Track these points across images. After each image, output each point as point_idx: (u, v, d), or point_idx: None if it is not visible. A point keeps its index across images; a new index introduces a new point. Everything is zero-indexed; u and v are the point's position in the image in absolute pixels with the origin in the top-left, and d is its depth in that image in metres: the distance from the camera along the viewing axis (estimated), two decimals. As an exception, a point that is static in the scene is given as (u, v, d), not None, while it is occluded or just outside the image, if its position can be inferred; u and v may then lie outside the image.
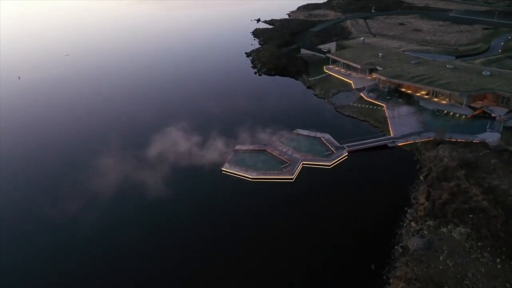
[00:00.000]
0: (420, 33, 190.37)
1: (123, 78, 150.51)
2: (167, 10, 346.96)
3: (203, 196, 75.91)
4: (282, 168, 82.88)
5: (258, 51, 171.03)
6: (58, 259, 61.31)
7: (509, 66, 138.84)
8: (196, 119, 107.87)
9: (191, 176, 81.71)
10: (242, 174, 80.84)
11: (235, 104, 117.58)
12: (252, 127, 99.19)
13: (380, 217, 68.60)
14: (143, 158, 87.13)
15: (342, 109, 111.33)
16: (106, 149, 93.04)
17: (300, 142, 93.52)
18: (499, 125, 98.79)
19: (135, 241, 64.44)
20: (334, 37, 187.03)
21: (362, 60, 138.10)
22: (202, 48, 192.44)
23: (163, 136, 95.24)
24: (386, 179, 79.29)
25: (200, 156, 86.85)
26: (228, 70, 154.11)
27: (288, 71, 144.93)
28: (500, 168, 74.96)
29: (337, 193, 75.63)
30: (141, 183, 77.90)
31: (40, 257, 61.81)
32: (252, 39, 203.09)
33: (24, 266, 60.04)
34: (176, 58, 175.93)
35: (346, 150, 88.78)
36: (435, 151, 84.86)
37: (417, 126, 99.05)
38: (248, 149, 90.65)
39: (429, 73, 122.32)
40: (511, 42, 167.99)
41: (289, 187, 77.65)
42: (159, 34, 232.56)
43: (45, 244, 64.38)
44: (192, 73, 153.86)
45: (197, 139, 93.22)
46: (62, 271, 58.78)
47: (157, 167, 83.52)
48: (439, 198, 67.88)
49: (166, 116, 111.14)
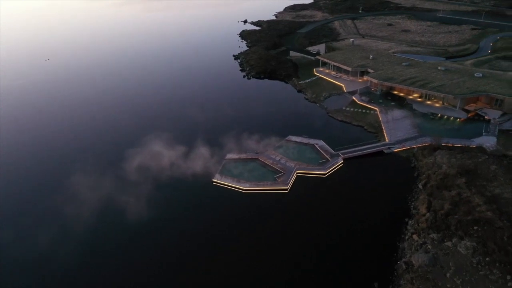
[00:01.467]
0: (409, 34, 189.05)
1: (106, 84, 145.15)
2: (150, 12, 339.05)
3: (194, 210, 72.13)
4: (275, 178, 79.46)
5: (246, 53, 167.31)
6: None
7: (499, 67, 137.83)
8: (184, 127, 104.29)
9: (180, 188, 77.76)
10: (234, 186, 77.14)
11: (225, 109, 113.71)
12: (243, 134, 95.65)
13: (380, 229, 65.72)
14: (127, 170, 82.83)
15: (335, 114, 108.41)
16: (88, 159, 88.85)
17: (293, 149, 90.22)
18: (495, 128, 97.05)
19: (118, 261, 60.50)
20: (323, 38, 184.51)
21: (353, 62, 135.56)
22: (188, 51, 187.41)
23: (148, 145, 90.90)
24: (384, 188, 76.42)
25: (189, 166, 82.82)
26: (216, 74, 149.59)
27: (277, 74, 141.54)
28: (500, 175, 72.71)
29: (334, 204, 72.48)
30: (126, 197, 73.72)
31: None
32: (240, 41, 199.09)
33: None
34: (161, 62, 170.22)
35: (341, 157, 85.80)
36: (432, 158, 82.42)
37: (412, 131, 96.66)
38: (239, 158, 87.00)
39: (421, 75, 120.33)
40: (499, 43, 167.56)
41: (284, 198, 74.28)
42: (143, 37, 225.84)
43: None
44: (179, 77, 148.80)
45: (185, 148, 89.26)
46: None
47: (143, 180, 79.34)
48: (441, 209, 65.21)
49: (151, 124, 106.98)
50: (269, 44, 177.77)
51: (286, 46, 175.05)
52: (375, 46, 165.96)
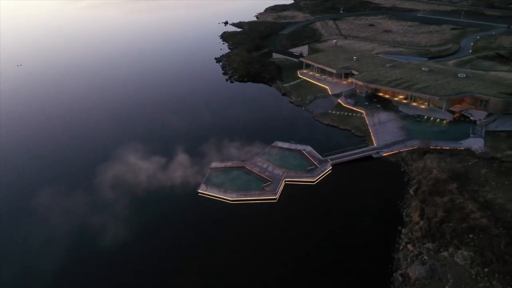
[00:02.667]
0: (391, 34, 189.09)
1: (81, 91, 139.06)
2: (126, 15, 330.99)
3: (179, 223, 68.76)
4: (263, 187, 76.67)
5: (228, 56, 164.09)
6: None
7: (481, 67, 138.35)
8: (165, 134, 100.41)
9: (163, 201, 74.05)
10: (221, 196, 73.99)
11: (208, 115, 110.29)
12: (228, 140, 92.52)
13: (373, 239, 63.64)
14: (104, 182, 78.25)
15: (321, 118, 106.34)
16: (60, 172, 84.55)
17: (280, 156, 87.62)
18: (481, 129, 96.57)
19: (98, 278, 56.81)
20: (305, 39, 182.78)
21: (337, 64, 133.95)
22: (168, 54, 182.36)
23: (126, 155, 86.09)
24: (374, 194, 74.49)
25: (172, 177, 79.03)
26: (197, 78, 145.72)
27: (261, 77, 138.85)
28: (492, 179, 71.65)
29: (325, 213, 70.04)
30: (105, 211, 69.75)
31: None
32: (221, 43, 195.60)
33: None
34: (140, 67, 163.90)
35: (330, 163, 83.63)
36: (422, 162, 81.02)
37: (399, 134, 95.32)
38: (225, 166, 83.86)
39: (406, 77, 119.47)
40: (479, 42, 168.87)
41: (273, 208, 71.55)
42: (119, 42, 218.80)
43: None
44: (159, 82, 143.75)
45: (167, 157, 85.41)
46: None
47: (121, 193, 74.99)
48: (434, 216, 63.56)
49: (130, 132, 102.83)
50: (251, 46, 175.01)
51: (268, 48, 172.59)
52: (358, 47, 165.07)
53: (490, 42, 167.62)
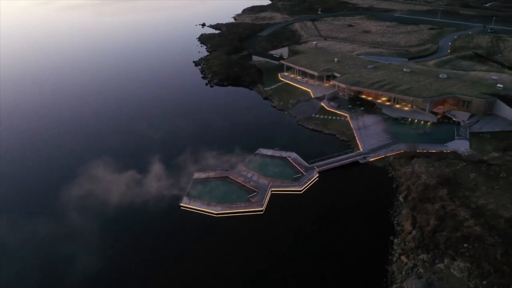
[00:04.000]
0: (370, 35, 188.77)
1: (55, 95, 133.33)
2: (100, 17, 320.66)
3: (160, 241, 64.62)
4: (249, 198, 73.44)
5: (207, 59, 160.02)
6: None
7: (461, 67, 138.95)
8: (143, 144, 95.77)
9: (143, 216, 69.82)
10: (205, 210, 70.38)
11: (188, 122, 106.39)
12: (210, 149, 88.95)
13: (365, 250, 61.29)
14: (73, 201, 73.14)
15: (305, 122, 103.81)
16: (36, 182, 79.43)
17: (265, 164, 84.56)
18: (466, 131, 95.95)
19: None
20: (285, 41, 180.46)
21: (318, 66, 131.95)
22: (143, 59, 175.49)
23: (97, 170, 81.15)
24: (364, 203, 72.24)
25: (152, 190, 74.88)
26: (176, 83, 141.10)
27: (241, 80, 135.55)
28: (481, 183, 70.41)
29: (313, 224, 67.42)
30: (74, 235, 65.11)
31: None
32: (199, 45, 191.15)
33: None
34: (114, 73, 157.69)
35: (316, 170, 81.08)
36: (410, 167, 79.34)
37: (385, 138, 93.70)
38: (208, 176, 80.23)
39: (388, 78, 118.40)
40: (457, 42, 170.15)
41: (260, 221, 68.41)
42: (93, 45, 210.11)
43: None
44: (135, 88, 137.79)
45: (145, 169, 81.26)
46: None
47: (94, 212, 70.32)
48: (427, 225, 61.64)
49: (102, 143, 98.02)
50: (230, 48, 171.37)
51: (248, 50, 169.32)
52: (338, 48, 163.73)
53: (468, 42, 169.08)
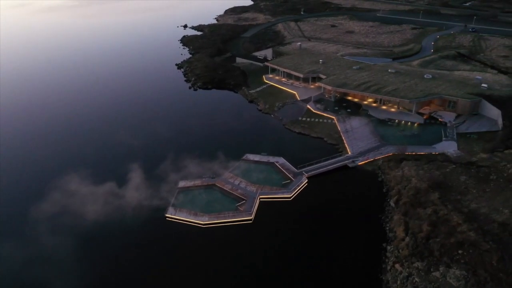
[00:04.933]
0: (353, 35, 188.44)
1: (29, 101, 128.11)
2: (79, 19, 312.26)
3: (145, 255, 61.58)
4: (237, 206, 71.14)
5: (190, 62, 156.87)
6: None
7: (445, 67, 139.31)
8: (124, 151, 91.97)
9: (127, 229, 66.81)
10: (191, 220, 67.81)
11: (171, 127, 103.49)
12: (195, 155, 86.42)
13: (358, 259, 59.75)
14: (52, 211, 69.95)
15: (292, 126, 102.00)
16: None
17: (252, 170, 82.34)
18: (453, 132, 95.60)
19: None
20: (269, 42, 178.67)
21: (303, 68, 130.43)
22: (124, 62, 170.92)
23: (75, 180, 77.70)
24: (354, 208, 70.79)
25: (136, 201, 71.97)
26: (158, 86, 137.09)
27: (226, 83, 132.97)
28: (472, 186, 69.70)
29: (304, 232, 65.53)
30: (59, 242, 62.09)
31: None
32: (181, 48, 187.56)
33: None
34: (93, 76, 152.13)
35: (305, 176, 79.29)
36: (399, 170, 78.25)
37: (373, 140, 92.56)
38: (194, 184, 77.60)
39: (373, 79, 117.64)
40: (440, 42, 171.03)
41: (249, 231, 66.22)
42: (72, 48, 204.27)
43: None
44: (115, 93, 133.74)
45: (127, 177, 78.17)
46: None
47: (74, 224, 66.98)
48: (420, 231, 60.45)
49: (82, 151, 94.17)
50: (213, 50, 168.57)
51: (231, 52, 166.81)
52: (322, 49, 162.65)
53: (450, 41, 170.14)
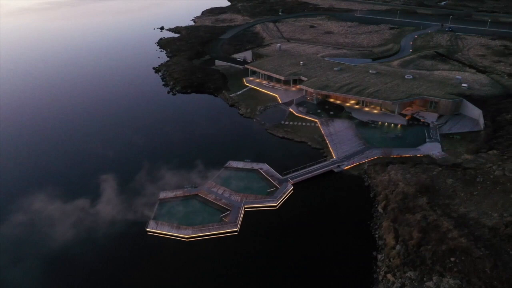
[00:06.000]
0: (332, 36, 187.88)
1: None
2: (50, 22, 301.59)
3: (125, 274, 57.93)
4: (222, 217, 68.35)
5: (167, 65, 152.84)
6: None
7: (424, 67, 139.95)
8: (99, 161, 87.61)
9: (104, 246, 62.99)
10: (174, 234, 64.55)
11: (149, 134, 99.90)
12: (175, 163, 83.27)
13: (348, 269, 58.02)
14: (17, 233, 65.37)
15: (274, 130, 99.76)
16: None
17: (236, 178, 79.67)
18: (436, 133, 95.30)
19: None
20: (248, 44, 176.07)
21: (284, 70, 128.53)
22: (99, 66, 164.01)
23: (45, 194, 73.15)
24: (342, 215, 69.12)
25: (113, 215, 68.11)
26: (135, 91, 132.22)
27: (205, 87, 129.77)
28: (459, 189, 68.89)
29: (291, 242, 63.28)
30: (29, 262, 57.94)
31: None
32: (159, 50, 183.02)
33: None
34: (66, 81, 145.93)
35: (291, 182, 77.14)
36: (386, 174, 76.94)
37: (357, 143, 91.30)
38: (175, 195, 74.32)
39: (355, 81, 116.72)
40: (418, 41, 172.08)
41: (235, 242, 63.48)
42: (44, 52, 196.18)
43: None
44: (89, 99, 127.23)
45: (104, 189, 74.23)
46: None
47: (44, 246, 62.54)
48: (410, 238, 59.00)
49: (51, 160, 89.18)
50: (191, 53, 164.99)
51: (210, 55, 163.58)
52: (302, 50, 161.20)
53: (428, 41, 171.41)
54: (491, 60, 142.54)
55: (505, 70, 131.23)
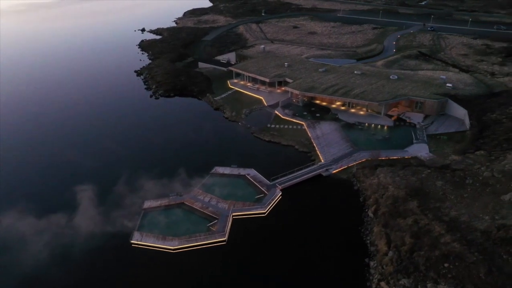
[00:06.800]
0: (316, 36, 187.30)
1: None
2: (27, 24, 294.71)
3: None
4: (209, 227, 66.18)
5: (150, 68, 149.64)
6: None
7: (408, 67, 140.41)
8: (79, 168, 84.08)
9: (86, 261, 60.07)
10: (160, 246, 62.10)
11: (132, 140, 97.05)
12: (159, 170, 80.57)
13: (340, 276, 56.59)
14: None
15: (261, 134, 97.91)
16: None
17: (223, 184, 77.50)
18: (423, 134, 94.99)
19: None
20: (231, 45, 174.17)
21: (269, 72, 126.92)
22: (79, 70, 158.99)
23: (19, 208, 69.24)
24: (332, 221, 67.64)
25: (95, 227, 65.07)
26: (116, 96, 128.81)
27: (189, 90, 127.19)
28: (449, 192, 68.20)
29: (281, 251, 61.49)
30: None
31: None
32: (140, 53, 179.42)
33: None
34: (44, 85, 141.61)
35: (279, 188, 75.43)
36: (375, 178, 75.90)
37: (345, 146, 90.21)
38: (160, 204, 71.76)
39: (341, 82, 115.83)
40: (401, 41, 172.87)
41: (223, 252, 61.39)
42: (19, 55, 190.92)
43: None
44: (68, 105, 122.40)
45: (83, 200, 70.87)
46: None
47: (20, 265, 58.98)
48: (403, 244, 57.89)
49: (25, 170, 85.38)
50: (174, 55, 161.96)
51: (193, 57, 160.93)
52: (286, 51, 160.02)
53: (411, 41, 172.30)
54: (473, 59, 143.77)
55: (487, 69, 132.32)
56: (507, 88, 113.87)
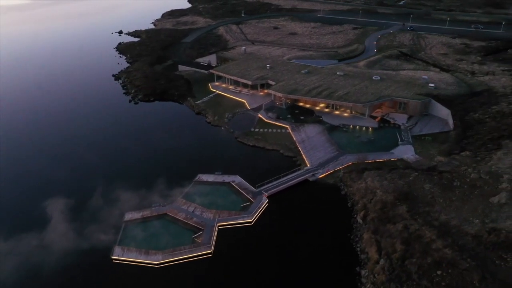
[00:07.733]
0: (297, 37, 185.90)
1: None
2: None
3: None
4: (194, 238, 63.62)
5: (128, 71, 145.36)
6: None
7: (390, 67, 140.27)
8: (54, 178, 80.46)
9: (64, 281, 56.78)
10: (143, 261, 59.26)
11: (110, 148, 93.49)
12: (140, 180, 77.58)
13: (330, 286, 54.86)
14: None
15: (245, 138, 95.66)
16: None
17: (207, 193, 74.97)
18: (407, 135, 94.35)
19: None
20: (212, 47, 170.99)
21: (251, 74, 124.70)
22: (54, 75, 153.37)
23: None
24: (320, 228, 65.98)
25: (73, 242, 61.80)
26: (93, 101, 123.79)
27: (169, 94, 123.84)
28: (438, 195, 67.35)
29: (269, 261, 59.51)
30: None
31: None
32: (118, 56, 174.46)
33: None
34: (15, 90, 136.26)
35: (265, 195, 73.35)
36: (362, 182, 74.58)
37: (330, 149, 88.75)
38: (142, 216, 68.78)
39: (324, 84, 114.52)
40: (381, 41, 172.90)
41: (209, 265, 59.07)
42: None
43: None
44: (41, 112, 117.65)
45: (57, 214, 67.42)
46: None
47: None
48: (394, 251, 56.55)
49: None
50: (153, 58, 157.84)
51: (172, 60, 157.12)
52: (268, 53, 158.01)
53: (391, 40, 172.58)
54: (453, 59, 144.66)
55: (467, 68, 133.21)
56: (487, 87, 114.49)
